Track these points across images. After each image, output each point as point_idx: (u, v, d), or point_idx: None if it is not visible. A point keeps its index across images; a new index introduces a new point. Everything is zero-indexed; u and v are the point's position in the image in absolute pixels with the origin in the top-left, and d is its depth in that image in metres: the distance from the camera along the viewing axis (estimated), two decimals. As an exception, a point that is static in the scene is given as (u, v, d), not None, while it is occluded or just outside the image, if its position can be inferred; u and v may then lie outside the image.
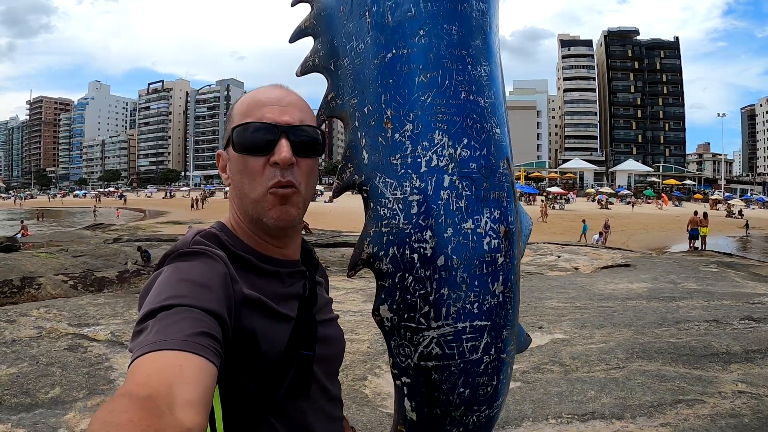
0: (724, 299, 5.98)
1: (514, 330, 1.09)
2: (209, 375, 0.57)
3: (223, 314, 0.66)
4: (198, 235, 0.79)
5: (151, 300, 0.65)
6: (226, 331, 0.66)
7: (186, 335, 0.58)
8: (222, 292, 0.69)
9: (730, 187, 70.93)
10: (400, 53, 1.06)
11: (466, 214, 0.98)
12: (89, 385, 3.29)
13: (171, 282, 0.68)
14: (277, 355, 0.76)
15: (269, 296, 0.78)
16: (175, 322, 0.60)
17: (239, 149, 0.80)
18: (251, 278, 0.78)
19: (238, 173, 0.81)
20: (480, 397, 1.03)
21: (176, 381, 0.53)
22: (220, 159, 0.87)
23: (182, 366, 0.55)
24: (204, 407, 0.53)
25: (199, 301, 0.64)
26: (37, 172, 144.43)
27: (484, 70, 1.08)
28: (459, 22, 1.07)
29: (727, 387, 3.26)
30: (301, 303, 0.83)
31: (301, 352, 0.79)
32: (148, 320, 0.62)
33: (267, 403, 0.75)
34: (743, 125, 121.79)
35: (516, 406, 2.99)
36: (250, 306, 0.74)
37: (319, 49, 1.21)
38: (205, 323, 0.62)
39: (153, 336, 0.58)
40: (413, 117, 1.02)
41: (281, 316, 0.78)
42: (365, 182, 1.05)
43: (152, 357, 0.56)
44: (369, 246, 1.03)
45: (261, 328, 0.75)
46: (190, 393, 0.53)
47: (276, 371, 0.76)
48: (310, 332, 0.82)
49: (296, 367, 0.78)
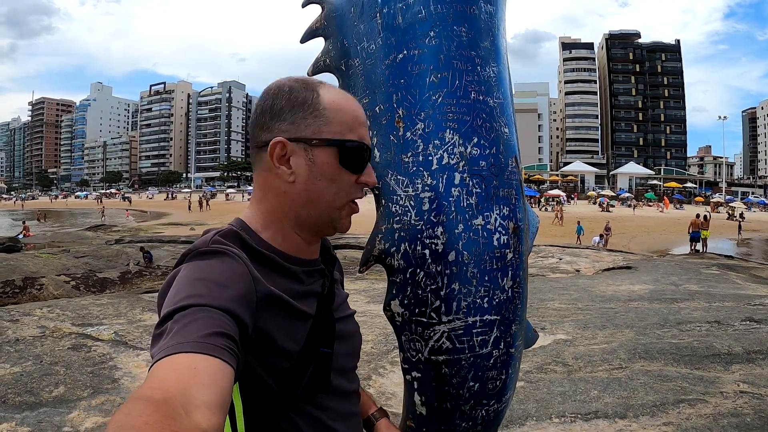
0: (726, 301, 5.99)
1: (523, 325, 1.11)
2: (225, 376, 0.57)
3: (240, 313, 0.65)
4: (218, 234, 0.77)
5: (170, 300, 0.66)
6: (245, 330, 0.66)
7: (201, 336, 0.58)
8: (241, 291, 0.68)
9: (732, 190, 70.85)
10: (411, 54, 1.08)
11: (476, 210, 1.00)
12: (93, 384, 3.30)
13: (189, 281, 0.67)
14: (297, 353, 0.76)
15: (290, 294, 0.77)
16: (191, 323, 0.60)
17: (344, 163, 0.79)
18: (272, 276, 0.77)
19: (326, 180, 0.79)
20: (489, 391, 1.05)
21: (192, 383, 0.53)
22: (279, 148, 0.78)
23: (197, 368, 0.55)
24: (220, 408, 0.53)
25: (217, 300, 0.64)
26: (39, 173, 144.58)
27: (493, 71, 1.10)
28: (468, 24, 1.09)
29: (729, 387, 3.27)
30: (319, 301, 0.83)
31: (320, 350, 0.79)
32: (167, 323, 0.62)
33: (287, 400, 0.76)
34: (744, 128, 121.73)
35: (520, 406, 3.00)
36: (271, 304, 0.74)
37: (330, 50, 1.23)
38: (221, 323, 0.62)
39: (169, 340, 0.58)
40: (424, 116, 1.04)
41: (301, 314, 0.78)
42: (377, 180, 1.07)
43: (168, 360, 0.56)
44: (381, 242, 1.05)
45: (281, 326, 0.75)
46: (206, 395, 0.53)
47: (295, 369, 0.76)
48: (329, 330, 0.82)
49: (315, 364, 0.78)
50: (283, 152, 0.78)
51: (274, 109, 0.80)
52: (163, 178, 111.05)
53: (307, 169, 0.78)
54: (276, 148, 0.78)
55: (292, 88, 0.80)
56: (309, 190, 0.79)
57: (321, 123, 0.78)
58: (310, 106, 0.79)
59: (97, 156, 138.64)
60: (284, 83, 0.81)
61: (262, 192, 0.82)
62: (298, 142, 0.78)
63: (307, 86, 0.81)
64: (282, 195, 0.80)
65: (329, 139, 0.78)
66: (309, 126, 0.78)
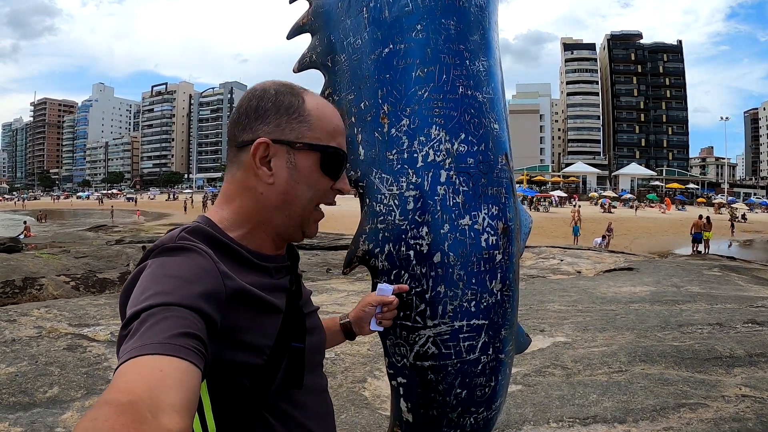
0: (728, 303, 5.93)
1: (513, 329, 1.07)
2: (192, 377, 0.56)
3: (208, 311, 0.65)
4: (184, 231, 0.76)
5: (135, 299, 0.65)
6: (213, 327, 0.65)
7: (167, 337, 0.58)
8: (208, 288, 0.67)
9: (734, 191, 70.75)
10: (397, 48, 1.05)
11: (463, 210, 0.96)
12: (87, 385, 3.28)
13: (155, 278, 0.66)
14: (269, 348, 0.76)
15: (260, 287, 0.77)
16: (157, 323, 0.59)
17: (324, 169, 0.81)
18: (242, 270, 0.76)
19: (305, 184, 0.80)
20: (478, 398, 1.01)
21: (158, 386, 0.53)
22: (263, 149, 0.78)
23: (163, 370, 0.55)
24: (187, 410, 0.53)
25: (183, 298, 0.63)
26: (41, 173, 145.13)
27: (483, 65, 1.07)
28: (457, 17, 1.06)
29: (731, 391, 3.23)
30: (288, 296, 0.82)
31: (292, 344, 0.78)
32: (133, 322, 0.61)
33: (260, 398, 0.75)
34: (746, 129, 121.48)
35: (517, 410, 2.96)
36: (240, 300, 0.73)
37: (316, 46, 1.20)
38: (188, 322, 0.61)
39: (135, 341, 0.58)
40: (410, 112, 1.00)
41: (272, 308, 0.78)
42: (361, 178, 1.04)
43: (134, 363, 0.55)
44: (365, 243, 1.01)
45: (252, 321, 0.74)
46: (173, 397, 0.53)
47: (268, 364, 0.75)
48: (300, 325, 0.82)
49: (288, 359, 0.77)
50: (266, 153, 0.79)
51: (259, 110, 0.80)
52: (164, 178, 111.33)
53: (288, 172, 0.79)
54: (259, 148, 0.78)
55: (277, 91, 0.81)
56: (287, 192, 0.79)
57: (305, 128, 0.80)
58: (295, 111, 0.80)
59: (98, 156, 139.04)
60: (269, 86, 0.83)
61: (235, 192, 0.82)
62: (282, 144, 0.79)
63: (293, 91, 0.82)
64: (258, 196, 0.80)
65: (312, 143, 0.79)
66: (293, 130, 0.79)
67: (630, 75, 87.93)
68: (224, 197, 0.83)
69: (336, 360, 3.76)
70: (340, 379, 3.42)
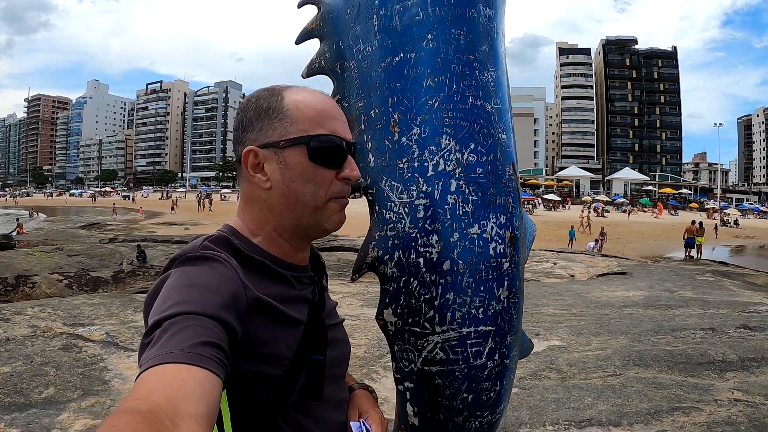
0: (720, 308, 5.99)
1: (518, 335, 1.09)
2: (212, 387, 0.56)
3: (230, 321, 0.65)
4: (207, 240, 0.77)
5: (158, 307, 0.65)
6: (234, 337, 0.65)
7: (189, 346, 0.58)
8: (230, 298, 0.67)
9: (726, 196, 71.24)
10: (408, 57, 1.06)
11: (472, 218, 0.98)
12: (83, 386, 3.26)
13: (178, 287, 0.67)
14: (289, 359, 0.75)
15: (280, 300, 0.76)
16: (179, 332, 0.60)
17: (316, 159, 0.78)
18: (263, 282, 0.76)
19: (302, 180, 0.78)
20: (483, 402, 1.03)
21: (178, 395, 0.53)
22: (252, 157, 0.78)
23: (184, 379, 0.55)
24: (207, 420, 0.53)
25: (206, 308, 0.63)
26: (34, 170, 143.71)
27: (491, 76, 1.08)
28: (467, 27, 1.07)
29: (723, 395, 3.27)
30: (311, 308, 0.82)
31: (313, 357, 0.78)
32: (155, 331, 0.61)
33: (278, 408, 0.74)
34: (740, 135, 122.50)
35: (513, 413, 2.98)
36: (261, 310, 0.73)
37: (325, 51, 1.21)
38: (210, 332, 0.61)
39: (157, 349, 0.58)
40: (420, 121, 1.02)
41: (292, 320, 0.77)
42: (371, 186, 1.05)
43: (155, 371, 0.55)
44: (374, 250, 1.02)
45: (272, 332, 0.74)
46: (193, 406, 0.52)
47: (287, 376, 0.75)
48: (321, 336, 0.81)
49: (307, 371, 0.77)
50: (256, 160, 0.78)
51: (245, 121, 0.80)
52: (158, 177, 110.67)
53: (281, 172, 0.78)
54: (249, 157, 0.78)
55: (258, 97, 0.81)
56: (286, 194, 0.78)
57: (287, 124, 0.78)
58: (274, 110, 0.79)
59: (92, 154, 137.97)
60: (252, 95, 0.83)
61: (245, 203, 0.83)
62: (268, 147, 0.78)
63: (273, 92, 0.81)
64: (262, 203, 0.80)
65: (294, 137, 0.77)
66: (276, 130, 0.78)
67: (625, 80, 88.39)
68: (240, 207, 0.84)
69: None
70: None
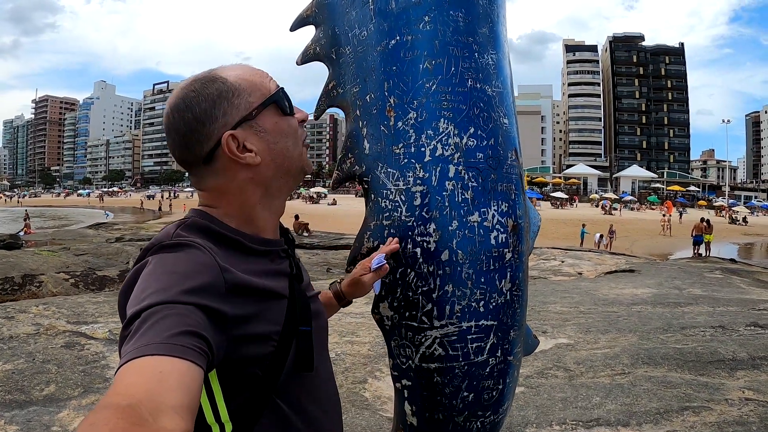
0: (730, 305, 5.91)
1: (522, 331, 1.04)
2: (193, 378, 0.56)
3: (211, 305, 0.64)
4: (179, 227, 0.76)
5: (137, 297, 0.64)
6: (220, 320, 0.65)
7: (168, 336, 0.57)
8: (209, 282, 0.67)
9: (734, 193, 70.64)
10: (404, 40, 1.02)
11: (472, 206, 0.93)
12: (85, 384, 3.25)
13: (155, 276, 0.66)
14: (277, 334, 0.75)
15: (260, 275, 0.76)
16: (158, 322, 0.59)
17: (284, 111, 0.82)
18: (241, 260, 0.76)
19: (282, 136, 0.82)
20: (485, 401, 0.98)
21: (158, 387, 0.53)
22: (232, 140, 0.77)
23: (163, 372, 0.54)
24: (188, 411, 0.53)
25: (184, 295, 0.63)
26: (42, 170, 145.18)
27: (492, 59, 1.04)
28: (465, 9, 1.03)
29: (734, 394, 3.20)
30: (290, 281, 0.82)
31: (300, 328, 0.78)
32: (133, 322, 0.61)
33: (272, 384, 0.75)
34: (748, 132, 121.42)
35: (519, 412, 2.93)
36: (243, 291, 0.72)
37: (320, 38, 1.17)
38: (190, 320, 0.60)
39: (135, 341, 0.58)
40: (417, 105, 0.97)
41: (275, 294, 0.78)
42: (366, 173, 1.00)
43: (134, 364, 0.55)
44: (369, 240, 0.98)
45: (258, 310, 0.74)
46: (173, 398, 0.52)
47: (278, 351, 0.75)
48: (305, 308, 0.82)
49: (296, 343, 0.78)
50: (236, 142, 0.78)
51: (200, 118, 0.77)
52: (165, 177, 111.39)
53: (263, 140, 0.79)
54: (229, 142, 0.77)
55: (196, 91, 0.78)
56: (275, 157, 0.80)
57: (246, 96, 0.79)
58: (228, 91, 0.79)
59: (99, 154, 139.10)
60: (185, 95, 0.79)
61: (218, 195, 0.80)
62: (241, 125, 0.78)
63: (210, 80, 0.80)
64: (249, 182, 0.80)
65: (260, 103, 0.80)
66: (239, 107, 0.78)
67: (632, 77, 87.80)
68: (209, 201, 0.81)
69: (336, 360, 3.72)
70: (341, 380, 3.39)
